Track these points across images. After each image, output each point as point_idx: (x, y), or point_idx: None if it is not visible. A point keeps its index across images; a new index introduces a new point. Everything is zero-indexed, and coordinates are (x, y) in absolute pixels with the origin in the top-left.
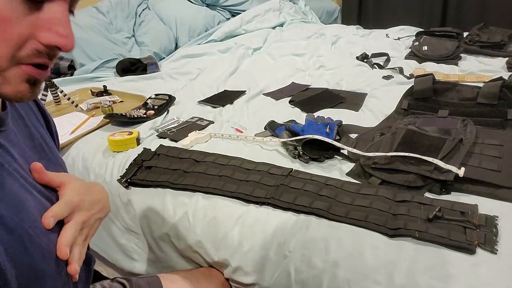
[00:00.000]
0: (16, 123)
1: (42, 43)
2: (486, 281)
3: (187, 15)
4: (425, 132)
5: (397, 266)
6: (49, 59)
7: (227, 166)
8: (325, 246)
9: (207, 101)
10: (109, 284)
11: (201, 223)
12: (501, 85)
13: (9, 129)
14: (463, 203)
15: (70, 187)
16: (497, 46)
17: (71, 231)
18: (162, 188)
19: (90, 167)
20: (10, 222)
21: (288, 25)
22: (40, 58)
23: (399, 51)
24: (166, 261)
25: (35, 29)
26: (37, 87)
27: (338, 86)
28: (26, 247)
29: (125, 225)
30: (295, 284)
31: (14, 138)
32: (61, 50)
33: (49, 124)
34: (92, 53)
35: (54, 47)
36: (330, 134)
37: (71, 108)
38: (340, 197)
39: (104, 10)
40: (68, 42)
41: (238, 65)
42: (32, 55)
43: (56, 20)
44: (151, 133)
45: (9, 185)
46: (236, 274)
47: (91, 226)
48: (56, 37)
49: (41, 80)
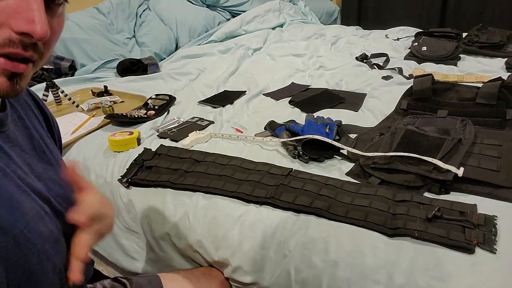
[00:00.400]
0: (15, 124)
1: (13, 30)
2: (485, 281)
3: (188, 16)
4: (424, 132)
5: (397, 265)
6: (23, 49)
7: (227, 166)
8: (325, 245)
9: (207, 101)
10: (110, 283)
11: (202, 222)
12: (500, 85)
13: (9, 130)
14: (462, 203)
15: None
16: (496, 46)
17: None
18: (163, 188)
19: (91, 167)
20: (4, 223)
21: (288, 26)
22: (13, 47)
23: (398, 51)
24: (167, 261)
25: (5, 16)
26: (17, 83)
27: (337, 87)
28: (21, 248)
29: (126, 225)
30: (295, 283)
31: (13, 139)
32: (34, 38)
33: (49, 124)
34: (92, 53)
35: (25, 34)
36: (330, 134)
37: (72, 108)
38: (339, 197)
39: (104, 11)
40: (37, 28)
41: (238, 65)
42: (4, 44)
43: (25, 6)
44: (152, 133)
45: (4, 186)
46: (236, 274)
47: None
48: (25, 23)
49: (21, 74)
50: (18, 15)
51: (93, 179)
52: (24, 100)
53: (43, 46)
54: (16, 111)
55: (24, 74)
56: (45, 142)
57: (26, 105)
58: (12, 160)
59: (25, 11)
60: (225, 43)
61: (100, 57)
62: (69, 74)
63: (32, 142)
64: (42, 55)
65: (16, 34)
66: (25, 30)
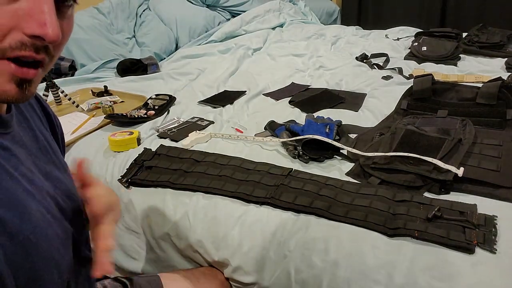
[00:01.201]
0: (21, 126)
1: (25, 33)
2: (486, 281)
3: (188, 16)
4: (424, 132)
5: (397, 265)
6: (35, 52)
7: (227, 166)
8: (325, 246)
9: (207, 101)
10: (110, 283)
11: (202, 222)
12: (500, 85)
13: (14, 131)
14: (462, 203)
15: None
16: (496, 46)
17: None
18: (163, 188)
19: (91, 167)
20: (12, 228)
21: (288, 26)
22: (25, 50)
23: (398, 51)
24: (167, 261)
25: (18, 19)
26: (26, 88)
27: (337, 87)
28: (28, 252)
29: (126, 225)
30: (295, 283)
31: (19, 140)
32: (46, 41)
33: (53, 126)
34: (92, 53)
35: (37, 37)
36: (330, 134)
37: (72, 108)
38: (339, 197)
39: (105, 11)
40: (49, 31)
41: (238, 65)
42: (16, 48)
43: (37, 9)
44: (152, 133)
45: (12, 190)
46: (236, 274)
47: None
48: (37, 26)
49: (30, 80)
50: (30, 18)
51: None
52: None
53: (53, 49)
54: (21, 113)
55: (34, 80)
56: (49, 144)
57: (30, 106)
58: (20, 162)
59: (37, 14)
60: (225, 43)
61: (100, 57)
62: (69, 74)
63: (37, 143)
64: (52, 58)
65: (28, 37)
66: (38, 33)
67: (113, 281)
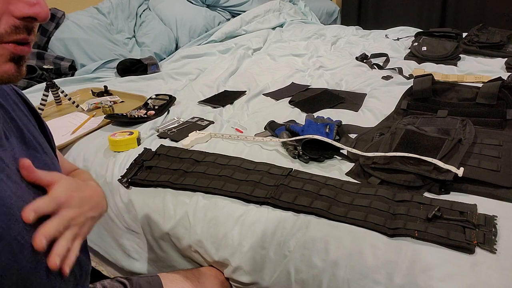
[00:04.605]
0: (7, 126)
1: (16, 16)
2: (485, 281)
3: (188, 16)
4: (424, 132)
5: (397, 265)
6: (28, 34)
7: (227, 166)
8: (325, 246)
9: (207, 101)
10: (110, 283)
11: (201, 222)
12: (500, 85)
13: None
14: (462, 203)
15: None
16: (496, 46)
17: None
18: (163, 188)
19: (91, 167)
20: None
21: (288, 26)
22: (19, 34)
23: (398, 51)
24: (167, 261)
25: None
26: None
27: (337, 87)
28: (15, 254)
29: (126, 225)
30: (295, 283)
31: (4, 142)
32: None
33: (42, 125)
34: (92, 53)
35: (29, 18)
36: (330, 134)
37: (72, 108)
38: (339, 197)
39: (105, 11)
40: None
41: (238, 65)
42: (10, 32)
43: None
44: (152, 133)
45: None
46: (236, 274)
47: (82, 224)
48: (27, 7)
49: (25, 57)
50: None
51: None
52: (12, 100)
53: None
54: (7, 112)
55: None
56: (39, 143)
57: (15, 105)
58: (5, 164)
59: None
60: (225, 43)
61: (100, 57)
62: (69, 74)
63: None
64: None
65: (19, 19)
66: (30, 14)
67: (112, 281)
